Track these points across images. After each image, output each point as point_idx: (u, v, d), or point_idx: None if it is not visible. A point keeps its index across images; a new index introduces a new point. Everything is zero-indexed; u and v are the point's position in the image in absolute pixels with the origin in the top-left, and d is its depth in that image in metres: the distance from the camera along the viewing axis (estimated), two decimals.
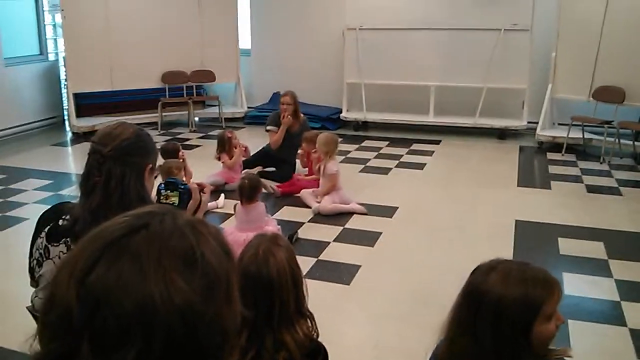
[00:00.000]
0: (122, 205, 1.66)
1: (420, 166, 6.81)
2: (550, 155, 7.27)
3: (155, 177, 1.89)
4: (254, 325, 1.58)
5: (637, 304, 3.60)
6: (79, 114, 8.46)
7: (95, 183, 1.72)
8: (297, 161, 6.21)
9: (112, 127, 1.81)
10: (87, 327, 0.64)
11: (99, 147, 1.74)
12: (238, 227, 4.33)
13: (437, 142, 7.93)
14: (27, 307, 1.77)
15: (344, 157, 6.99)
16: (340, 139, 5.70)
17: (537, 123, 7.70)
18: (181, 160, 5.09)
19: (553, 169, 6.71)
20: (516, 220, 4.97)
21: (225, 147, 5.90)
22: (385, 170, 6.63)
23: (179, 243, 0.70)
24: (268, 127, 6.32)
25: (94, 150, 1.75)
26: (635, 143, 7.08)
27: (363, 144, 7.88)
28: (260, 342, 1.57)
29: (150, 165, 1.82)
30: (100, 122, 8.01)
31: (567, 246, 4.48)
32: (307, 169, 6.02)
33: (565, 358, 1.51)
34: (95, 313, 0.64)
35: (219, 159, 5.94)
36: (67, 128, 8.76)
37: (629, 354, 3.08)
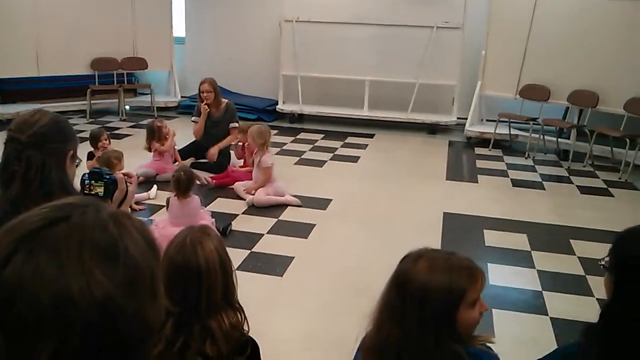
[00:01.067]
0: (42, 193, 1.61)
1: (354, 159, 6.89)
2: (478, 150, 7.51)
3: (77, 165, 1.84)
4: (182, 314, 1.56)
5: (558, 294, 3.77)
6: (3, 100, 8.09)
7: (14, 172, 1.65)
8: (232, 152, 6.17)
9: (29, 115, 1.75)
10: (2, 321, 0.62)
11: (16, 135, 1.68)
12: (171, 221, 4.21)
13: (371, 136, 8.04)
14: None
15: (279, 149, 6.98)
16: (275, 131, 5.70)
17: (466, 119, 7.93)
18: (104, 148, 5.03)
19: (480, 164, 6.93)
20: (444, 213, 5.11)
21: (155, 136, 5.78)
22: (320, 163, 6.67)
23: (101, 236, 0.69)
24: (193, 118, 6.30)
25: (11, 139, 1.69)
26: (559, 140, 7.40)
27: (298, 137, 7.89)
28: (188, 332, 1.56)
29: (72, 152, 1.78)
30: (26, 109, 7.66)
31: (493, 238, 4.64)
32: (242, 160, 5.98)
33: (487, 344, 1.57)
34: (10, 307, 0.62)
35: (149, 149, 5.81)
36: None
37: (549, 341, 3.22)
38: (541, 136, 7.32)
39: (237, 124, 6.15)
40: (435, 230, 4.73)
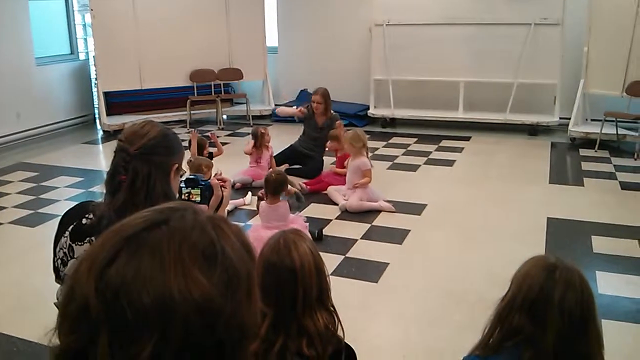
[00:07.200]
0: (147, 204, 1.66)
1: (450, 163, 6.73)
2: (583, 152, 7.13)
3: (182, 175, 1.88)
4: (278, 314, 1.57)
5: None
6: (109, 112, 8.57)
7: (121, 182, 1.70)
8: (324, 158, 6.20)
9: (139, 126, 1.79)
10: (105, 319, 0.64)
11: (125, 146, 1.72)
12: (263, 225, 4.29)
13: (467, 139, 7.83)
14: (54, 303, 1.78)
15: (371, 154, 6.91)
16: (368, 136, 5.65)
17: (569, 119, 7.55)
18: (210, 140, 5.32)
19: (586, 166, 6.57)
20: (548, 218, 4.87)
21: (257, 142, 5.91)
22: (413, 167, 6.57)
23: (200, 238, 0.70)
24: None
25: (120, 149, 1.74)
26: None
27: (391, 141, 7.83)
28: (286, 332, 1.56)
29: (177, 165, 1.81)
30: (130, 120, 8.08)
31: (601, 244, 4.38)
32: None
33: None
34: (113, 306, 0.64)
35: (249, 152, 5.94)
36: (98, 126, 8.88)
37: None
38: None
39: None
40: (538, 236, 4.51)
